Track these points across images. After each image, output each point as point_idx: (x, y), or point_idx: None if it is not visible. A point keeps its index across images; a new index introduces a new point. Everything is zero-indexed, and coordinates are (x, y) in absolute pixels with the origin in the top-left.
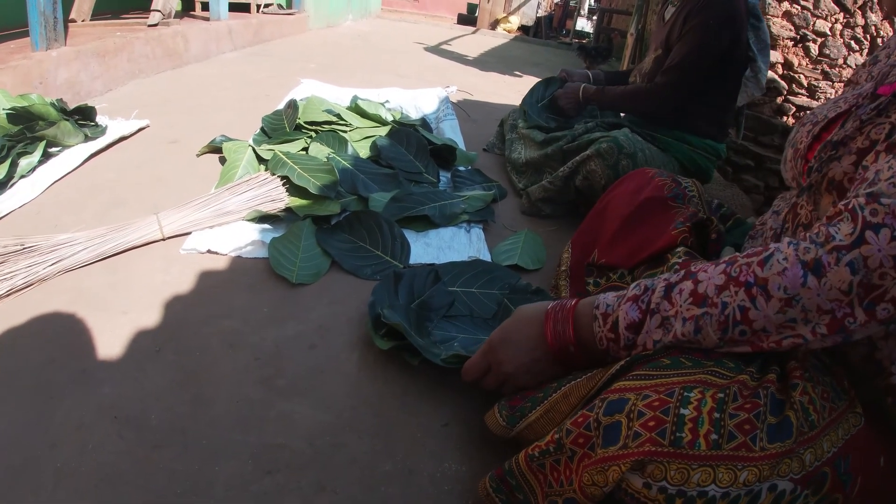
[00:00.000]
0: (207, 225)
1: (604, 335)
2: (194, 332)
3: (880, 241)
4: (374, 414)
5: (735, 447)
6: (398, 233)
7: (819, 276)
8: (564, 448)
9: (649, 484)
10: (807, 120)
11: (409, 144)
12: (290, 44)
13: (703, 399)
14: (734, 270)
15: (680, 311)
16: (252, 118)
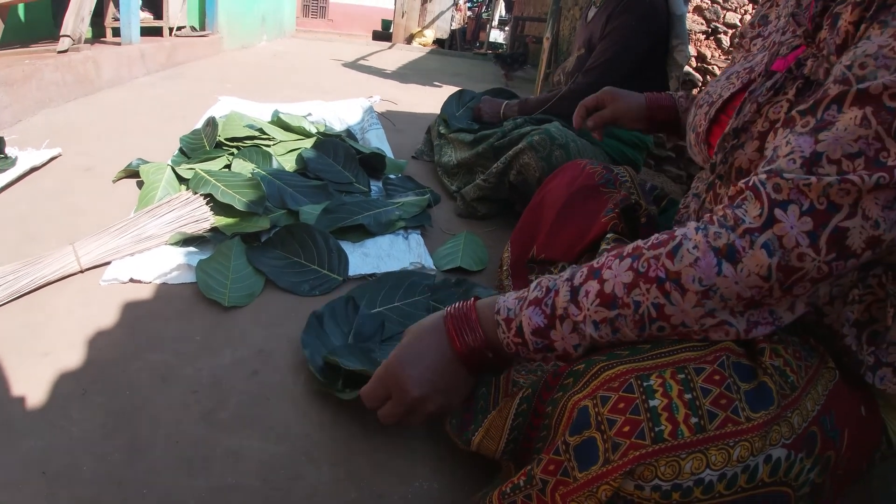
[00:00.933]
0: (128, 252)
1: (510, 341)
2: (122, 369)
3: (790, 219)
4: (330, 439)
5: (720, 425)
6: (334, 244)
7: (734, 262)
8: (534, 480)
9: (641, 486)
10: (703, 101)
11: (337, 155)
12: (205, 66)
13: (666, 383)
14: (641, 265)
15: (589, 315)
16: (170, 140)
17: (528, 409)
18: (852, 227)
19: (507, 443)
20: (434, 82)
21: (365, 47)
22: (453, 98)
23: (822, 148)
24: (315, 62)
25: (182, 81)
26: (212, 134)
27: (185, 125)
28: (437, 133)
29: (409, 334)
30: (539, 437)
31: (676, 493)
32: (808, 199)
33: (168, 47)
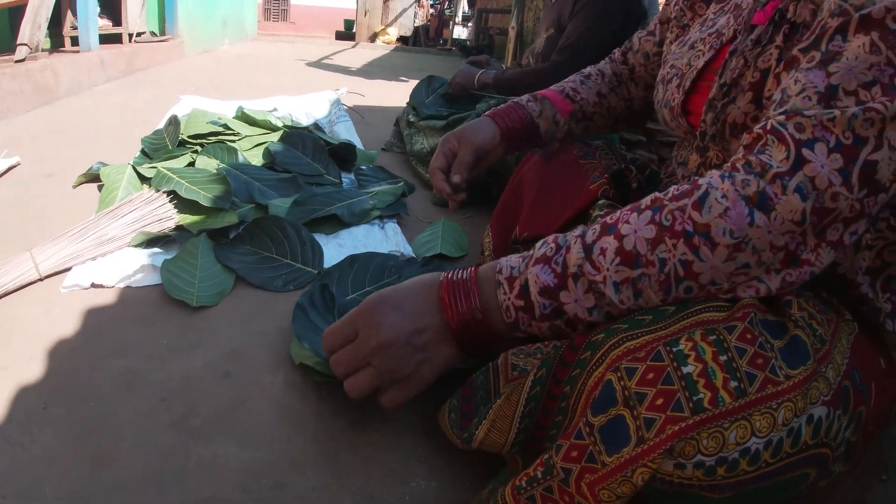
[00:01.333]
0: (89, 256)
1: (510, 303)
2: (85, 378)
3: (819, 158)
4: (314, 441)
5: (760, 386)
6: (307, 236)
7: (767, 210)
8: (555, 470)
9: (682, 464)
10: (670, 75)
11: (305, 147)
12: (167, 70)
13: (698, 346)
14: (665, 218)
15: (609, 276)
16: (132, 145)
17: (541, 393)
18: (881, 160)
19: (517, 433)
20: (400, 77)
21: (328, 47)
22: (422, 85)
23: (836, 80)
24: (278, 63)
25: (143, 87)
26: (174, 132)
27: (147, 129)
28: (406, 122)
29: (404, 283)
30: (553, 423)
31: (721, 468)
32: (833, 134)
33: (128, 53)
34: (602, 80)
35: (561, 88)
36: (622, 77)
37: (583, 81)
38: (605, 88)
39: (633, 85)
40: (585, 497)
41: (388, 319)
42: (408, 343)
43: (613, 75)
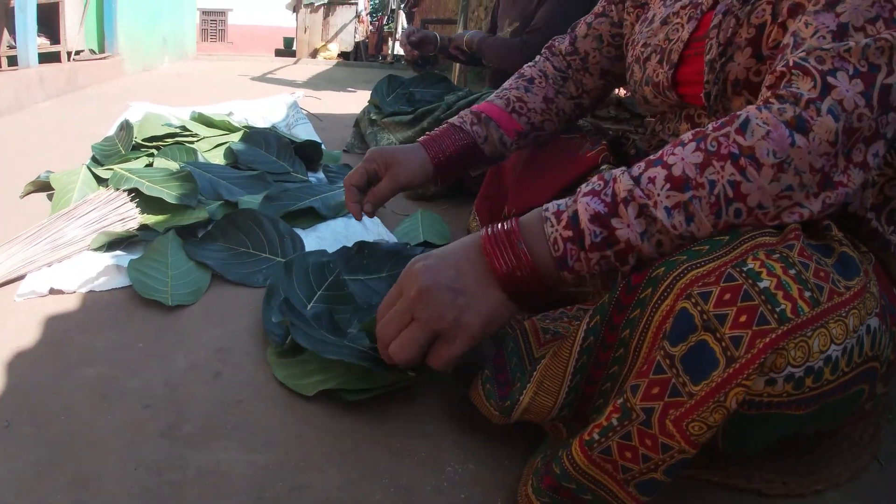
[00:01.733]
0: (45, 262)
1: (559, 235)
2: (52, 391)
3: (843, 83)
4: (329, 437)
5: (828, 296)
6: (285, 229)
7: (805, 132)
8: (633, 412)
9: (773, 379)
10: (646, 53)
11: (269, 146)
12: (109, 88)
13: (766, 263)
14: (710, 144)
15: (660, 201)
16: (80, 155)
17: (594, 343)
18: (893, 84)
19: (567, 392)
20: (347, 88)
21: (270, 63)
22: (383, 84)
23: (846, 18)
24: (222, 79)
25: (86, 103)
26: (127, 137)
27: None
28: (368, 121)
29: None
30: (606, 375)
31: (809, 379)
32: (850, 64)
33: (68, 70)
34: (546, 81)
35: (505, 101)
36: (568, 72)
37: (527, 88)
38: (551, 91)
39: (585, 76)
40: (671, 435)
41: (428, 265)
42: (449, 287)
43: (557, 73)
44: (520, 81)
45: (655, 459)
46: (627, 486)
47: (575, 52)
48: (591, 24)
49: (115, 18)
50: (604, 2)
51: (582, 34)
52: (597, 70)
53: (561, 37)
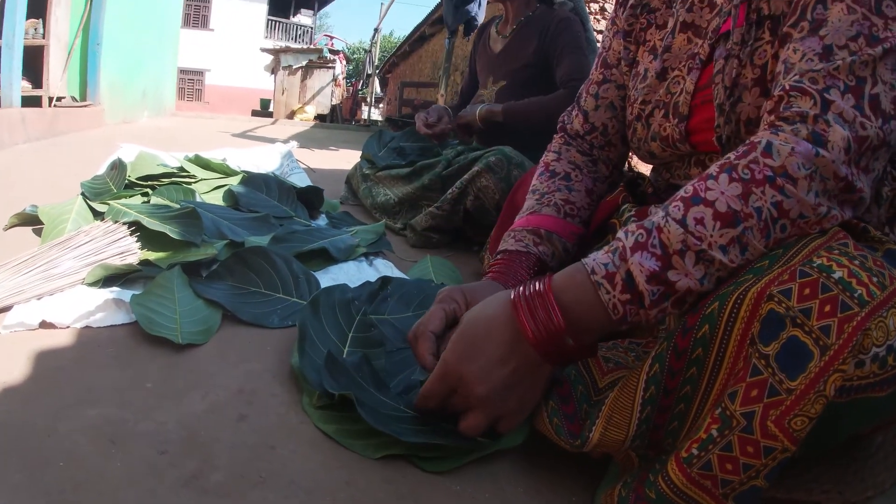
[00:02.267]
0: (35, 293)
1: (617, 300)
2: (47, 432)
3: (837, 98)
4: (383, 480)
5: (891, 280)
6: (299, 268)
7: (824, 144)
8: (733, 420)
9: (862, 361)
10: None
11: (270, 189)
12: (89, 137)
13: (831, 257)
14: (743, 173)
15: (714, 241)
16: (67, 194)
17: (661, 372)
18: (880, 93)
19: (639, 425)
20: (329, 147)
21: (249, 123)
22: (373, 140)
23: (829, 40)
24: (204, 134)
25: (68, 148)
26: (119, 175)
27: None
28: (361, 177)
29: (468, 322)
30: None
31: (891, 357)
32: (840, 80)
33: (50, 115)
34: (582, 173)
35: (556, 208)
36: (594, 153)
37: (568, 187)
38: (590, 181)
39: (610, 149)
40: (773, 436)
41: (478, 372)
42: (505, 388)
43: (586, 158)
44: (558, 182)
45: (757, 466)
46: (726, 501)
47: (593, 128)
48: (598, 95)
49: (99, 67)
50: (601, 68)
51: (592, 107)
52: (618, 138)
53: (567, 115)
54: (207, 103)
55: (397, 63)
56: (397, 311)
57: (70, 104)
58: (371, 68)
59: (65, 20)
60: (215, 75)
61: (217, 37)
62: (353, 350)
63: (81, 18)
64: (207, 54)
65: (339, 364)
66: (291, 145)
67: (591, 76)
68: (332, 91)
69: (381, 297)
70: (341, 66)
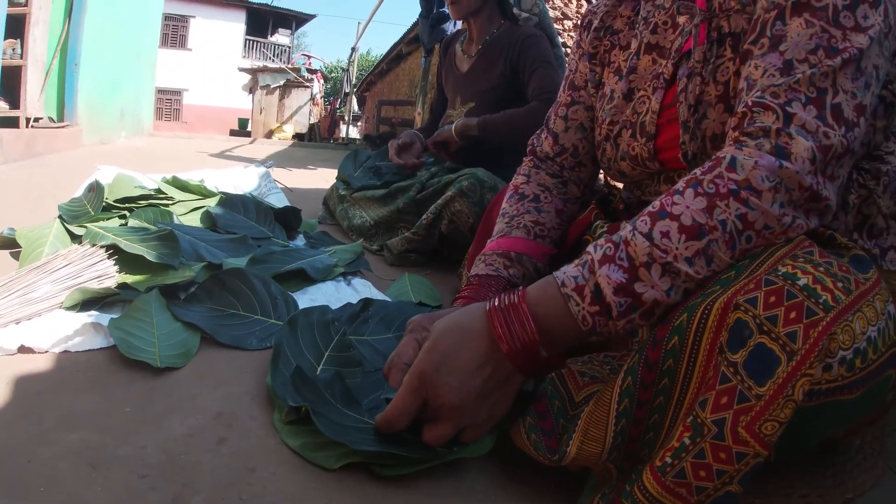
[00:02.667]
0: (13, 318)
1: (586, 312)
2: (27, 458)
3: (799, 111)
4: (362, 499)
5: (855, 285)
6: (277, 290)
7: (787, 156)
8: (704, 428)
9: (829, 365)
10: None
11: (248, 210)
12: (67, 158)
13: (797, 265)
14: (708, 187)
15: (680, 254)
16: (43, 217)
17: (633, 384)
18: (842, 102)
19: (614, 437)
20: (308, 166)
21: (227, 143)
22: (349, 159)
23: (789, 55)
24: (182, 154)
25: (46, 170)
26: (97, 198)
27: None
28: (337, 198)
29: (441, 332)
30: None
31: (858, 360)
32: (801, 92)
33: (27, 136)
34: (551, 195)
35: (525, 230)
36: (564, 175)
37: (537, 209)
38: (559, 202)
39: (581, 170)
40: (745, 442)
41: (452, 382)
42: (478, 398)
43: (556, 180)
44: (527, 204)
45: (730, 471)
46: None
47: (563, 150)
48: (568, 116)
49: (76, 88)
50: (569, 90)
51: (562, 129)
52: (588, 159)
53: (536, 138)
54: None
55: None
56: (378, 332)
57: (48, 125)
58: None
59: (42, 40)
60: (193, 95)
61: (195, 56)
62: (328, 368)
63: (59, 38)
64: (185, 74)
65: (307, 379)
66: (269, 164)
67: (560, 98)
68: (309, 110)
69: (362, 318)
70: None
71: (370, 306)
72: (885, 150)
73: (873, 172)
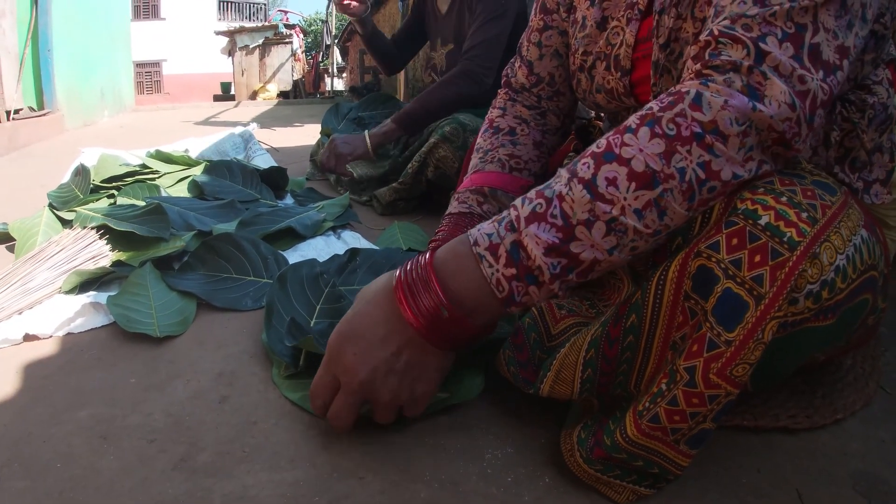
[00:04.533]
0: (16, 309)
1: (501, 276)
2: (43, 439)
3: (774, 48)
4: (360, 445)
5: (822, 212)
6: (267, 250)
7: (760, 98)
8: (678, 374)
9: (795, 299)
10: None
11: (234, 175)
12: (52, 145)
13: (756, 198)
14: (668, 128)
15: (627, 205)
16: (33, 209)
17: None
18: (821, 42)
19: (582, 384)
20: (294, 123)
21: (211, 109)
22: (331, 113)
23: None
24: (166, 126)
25: (32, 160)
26: (84, 181)
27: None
28: None
29: (358, 300)
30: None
31: (825, 291)
32: (777, 27)
33: (9, 129)
34: (528, 126)
35: (500, 164)
36: (542, 105)
37: (513, 142)
38: (538, 134)
39: (560, 99)
40: (717, 386)
41: (358, 357)
42: (389, 372)
43: (533, 111)
44: (501, 137)
45: (703, 412)
46: (678, 445)
47: (539, 79)
48: (542, 43)
49: (53, 74)
50: (540, 14)
51: (536, 56)
52: (566, 87)
53: (509, 68)
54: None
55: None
56: (367, 280)
57: (28, 115)
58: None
59: (12, 31)
60: (172, 65)
61: (169, 25)
62: (321, 320)
63: (29, 27)
64: (162, 45)
65: (301, 329)
66: (252, 127)
67: (531, 23)
68: (292, 66)
69: (351, 268)
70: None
71: (357, 256)
72: (874, 79)
73: (858, 104)
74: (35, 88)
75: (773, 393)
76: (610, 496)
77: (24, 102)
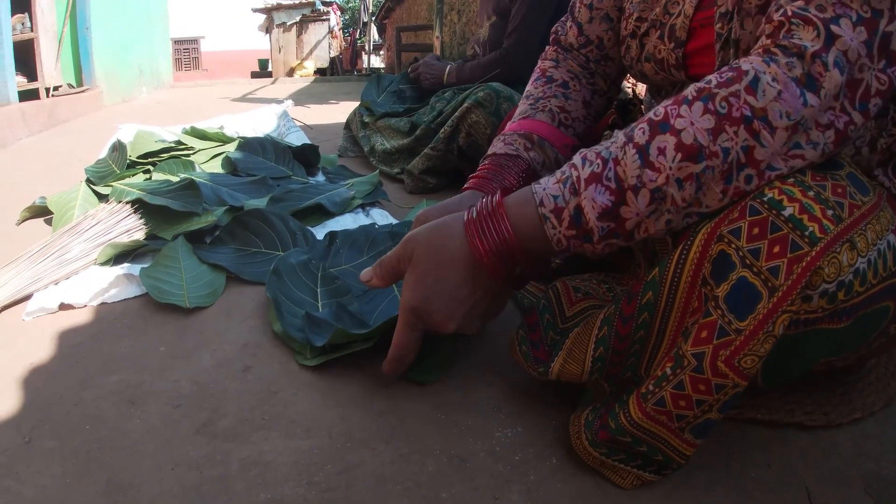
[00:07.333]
0: (52, 279)
1: (562, 235)
2: (73, 402)
3: (847, 31)
4: (373, 416)
5: (849, 211)
6: (296, 225)
7: (816, 90)
8: (684, 360)
9: (809, 296)
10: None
11: (267, 151)
12: (90, 121)
13: (784, 189)
14: (720, 105)
15: (672, 175)
16: (72, 183)
17: (614, 313)
18: (894, 31)
19: (593, 363)
20: (330, 101)
21: (249, 86)
22: (372, 84)
23: None
24: (203, 103)
25: (70, 135)
26: (120, 156)
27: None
28: (359, 124)
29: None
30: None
31: (841, 292)
32: (853, 10)
33: (49, 105)
34: (580, 83)
35: (550, 114)
36: (590, 67)
37: (565, 95)
38: (588, 93)
39: (608, 64)
40: (724, 375)
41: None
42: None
43: (583, 70)
44: (555, 88)
45: (710, 401)
46: (683, 433)
47: (588, 41)
48: (593, 5)
49: (91, 51)
50: None
51: (586, 19)
52: (616, 52)
53: (561, 26)
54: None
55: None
56: (352, 259)
57: (67, 91)
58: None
59: (50, 10)
60: (210, 42)
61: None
62: (327, 302)
63: (67, 6)
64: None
65: (318, 319)
66: (287, 104)
67: None
68: (329, 43)
69: (333, 251)
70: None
71: (336, 238)
72: None
73: None
74: (74, 65)
75: (791, 388)
76: (614, 480)
77: (63, 80)
